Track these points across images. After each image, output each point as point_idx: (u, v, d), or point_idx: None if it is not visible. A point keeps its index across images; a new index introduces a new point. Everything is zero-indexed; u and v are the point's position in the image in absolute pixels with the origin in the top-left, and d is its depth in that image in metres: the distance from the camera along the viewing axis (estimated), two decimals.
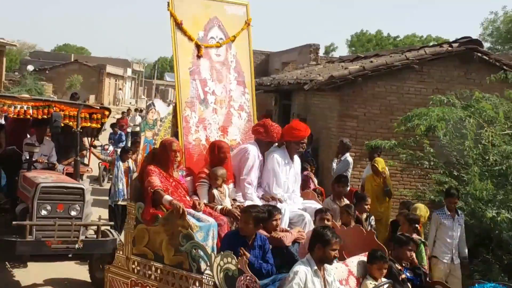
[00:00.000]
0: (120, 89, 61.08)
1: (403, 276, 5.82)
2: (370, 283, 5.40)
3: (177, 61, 6.42)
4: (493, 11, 40.38)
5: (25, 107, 8.45)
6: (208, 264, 4.93)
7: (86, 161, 10.33)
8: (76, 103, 9.86)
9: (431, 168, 9.85)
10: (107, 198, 11.26)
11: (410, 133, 9.85)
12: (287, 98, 17.51)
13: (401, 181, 11.55)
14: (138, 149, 11.84)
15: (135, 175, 10.74)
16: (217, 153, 6.20)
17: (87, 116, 9.00)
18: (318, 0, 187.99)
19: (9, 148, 8.96)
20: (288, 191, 6.60)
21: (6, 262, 7.78)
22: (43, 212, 7.45)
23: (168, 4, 6.31)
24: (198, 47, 6.55)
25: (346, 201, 8.09)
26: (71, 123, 8.94)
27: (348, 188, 8.67)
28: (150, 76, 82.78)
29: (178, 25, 6.36)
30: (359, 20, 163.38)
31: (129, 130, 21.76)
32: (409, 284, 5.81)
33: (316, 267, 4.77)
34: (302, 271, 4.67)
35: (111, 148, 16.55)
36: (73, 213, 7.65)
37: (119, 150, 16.13)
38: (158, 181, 5.59)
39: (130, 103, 55.62)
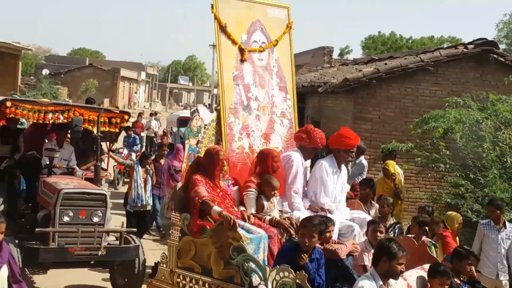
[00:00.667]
0: (135, 92, 61.40)
1: None
2: None
3: (221, 65, 6.12)
4: (507, 13, 40.27)
5: (44, 112, 8.34)
6: (262, 278, 4.67)
7: (104, 165, 10.20)
8: (96, 108, 9.82)
9: (447, 171, 9.76)
10: (121, 201, 11.14)
11: (425, 136, 9.79)
12: (301, 101, 17.40)
13: (416, 184, 11.49)
14: (164, 153, 11.94)
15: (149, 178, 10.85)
16: (270, 162, 5.84)
17: (106, 120, 8.98)
18: (332, 2, 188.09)
19: (29, 153, 8.81)
20: (335, 201, 6.27)
21: (26, 269, 7.52)
22: (66, 219, 7.33)
23: (212, 7, 6.01)
24: (241, 51, 6.25)
25: (376, 205, 7.99)
26: (90, 127, 9.01)
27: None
28: (164, 80, 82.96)
29: (222, 28, 6.08)
30: (373, 22, 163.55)
31: (143, 134, 21.81)
32: None
33: (381, 282, 4.46)
34: (367, 286, 4.35)
35: (125, 151, 16.60)
36: (95, 219, 7.52)
37: (133, 153, 16.22)
38: (205, 191, 5.25)
39: (144, 106, 55.97)
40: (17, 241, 7.14)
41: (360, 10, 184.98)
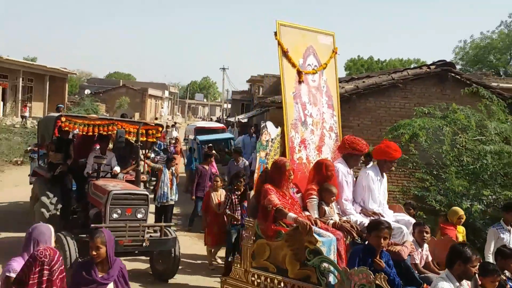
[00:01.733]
0: (162, 108, 61.62)
1: (508, 287, 5.06)
2: None
3: (284, 86, 5.73)
4: (461, 40, 40.36)
5: (92, 125, 8.29)
6: (339, 279, 4.30)
7: (141, 169, 10.04)
8: (136, 121, 9.66)
9: (415, 168, 9.72)
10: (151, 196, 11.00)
11: (397, 140, 9.77)
12: None
13: (389, 179, 11.33)
14: (209, 160, 11.61)
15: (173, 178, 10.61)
16: (325, 172, 5.46)
17: (144, 132, 8.87)
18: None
19: (81, 160, 8.76)
20: (381, 205, 5.92)
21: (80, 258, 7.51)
22: (115, 216, 7.28)
23: (275, 34, 5.66)
24: (299, 73, 5.88)
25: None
26: (131, 138, 8.98)
27: None
28: (183, 96, 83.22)
29: (284, 53, 5.73)
30: (355, 48, 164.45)
31: (166, 143, 21.88)
32: None
33: (458, 284, 4.11)
34: (446, 287, 4.03)
35: (152, 155, 16.54)
36: (139, 215, 7.46)
37: (157, 157, 16.12)
38: (277, 199, 4.87)
39: (168, 119, 55.99)
40: (73, 236, 7.15)
41: (343, 38, 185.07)
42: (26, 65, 31.49)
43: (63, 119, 8.09)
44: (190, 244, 9.93)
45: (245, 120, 30.44)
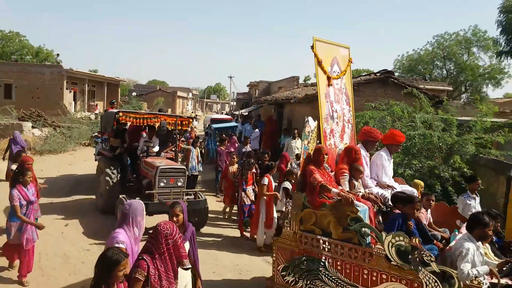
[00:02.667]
0: (187, 105, 61.28)
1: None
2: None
3: (319, 88, 5.32)
4: (399, 54, 40.14)
5: (142, 118, 8.33)
6: (378, 241, 3.96)
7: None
8: (173, 115, 9.59)
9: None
10: None
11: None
12: (281, 108, 17.42)
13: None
14: (224, 142, 11.11)
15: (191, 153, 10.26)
16: (354, 155, 5.13)
17: (179, 122, 8.79)
18: (302, 52, 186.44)
19: (134, 144, 8.74)
20: (390, 179, 5.55)
21: None
22: (161, 184, 7.24)
23: (312, 47, 5.22)
24: (328, 78, 5.52)
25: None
26: (170, 127, 8.98)
27: None
28: (202, 97, 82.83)
29: (319, 63, 5.32)
30: None
31: (188, 128, 21.66)
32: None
33: (478, 244, 3.86)
34: (471, 247, 3.74)
35: (183, 139, 16.33)
36: (179, 184, 7.39)
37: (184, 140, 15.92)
38: (320, 177, 4.56)
39: (191, 113, 55.88)
40: (131, 198, 6.97)
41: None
42: (90, 75, 31.26)
43: (120, 114, 8.17)
44: (211, 202, 9.85)
45: (246, 113, 30.37)
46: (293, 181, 6.98)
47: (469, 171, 7.50)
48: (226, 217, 8.70)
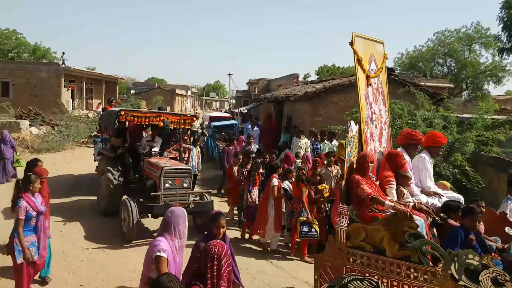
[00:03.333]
0: (186, 103, 61.27)
1: None
2: None
3: (359, 89, 4.81)
4: (399, 52, 40.13)
5: (144, 117, 8.03)
6: (443, 259, 3.52)
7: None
8: (177, 113, 9.06)
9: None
10: None
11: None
12: (280, 105, 17.42)
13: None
14: (233, 142, 10.71)
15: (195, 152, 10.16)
16: (399, 161, 4.67)
17: (182, 121, 8.49)
18: (300, 49, 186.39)
19: (137, 144, 8.38)
20: (434, 185, 5.09)
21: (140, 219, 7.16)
22: (167, 185, 6.97)
23: (351, 44, 4.68)
24: (367, 77, 5.01)
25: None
26: (173, 126, 8.74)
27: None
28: (201, 95, 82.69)
29: (359, 61, 4.81)
30: (322, 58, 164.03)
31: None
32: None
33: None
34: None
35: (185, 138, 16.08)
36: (185, 185, 7.14)
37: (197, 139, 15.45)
38: (368, 188, 4.12)
39: (190, 110, 55.79)
40: (135, 200, 6.90)
41: (315, 51, 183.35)
42: (88, 73, 31.26)
43: (122, 112, 7.83)
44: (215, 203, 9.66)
45: (245, 111, 30.37)
46: (292, 179, 6.94)
47: (470, 169, 7.51)
48: (234, 220, 8.40)
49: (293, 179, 6.92)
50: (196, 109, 62.83)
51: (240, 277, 5.27)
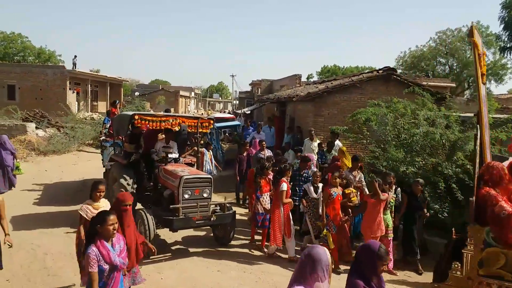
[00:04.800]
0: (189, 104, 61.36)
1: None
2: None
3: (479, 88, 4.20)
4: (402, 51, 40.06)
5: (159, 121, 7.26)
6: None
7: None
8: (195, 116, 8.28)
9: (368, 143, 9.68)
10: None
11: (355, 123, 9.73)
12: (283, 106, 17.41)
13: (349, 151, 11.35)
14: (245, 148, 10.16)
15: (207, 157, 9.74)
16: None
17: (200, 124, 7.84)
18: (304, 50, 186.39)
19: (152, 150, 7.65)
20: None
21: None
22: (186, 196, 6.36)
23: (471, 35, 4.02)
24: (482, 75, 4.35)
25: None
26: (191, 130, 8.08)
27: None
28: (205, 96, 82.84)
29: (479, 56, 4.09)
30: (324, 59, 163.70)
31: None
32: None
33: None
34: None
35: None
36: (205, 195, 6.53)
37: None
38: (508, 205, 3.42)
39: (194, 112, 55.93)
40: (151, 212, 6.38)
41: (317, 52, 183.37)
42: (92, 75, 31.43)
43: (136, 117, 7.10)
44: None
45: (248, 112, 30.39)
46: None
47: (471, 168, 7.49)
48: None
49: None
50: (199, 110, 62.95)
51: (244, 278, 5.24)
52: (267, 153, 9.68)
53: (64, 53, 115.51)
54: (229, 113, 42.28)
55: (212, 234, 7.34)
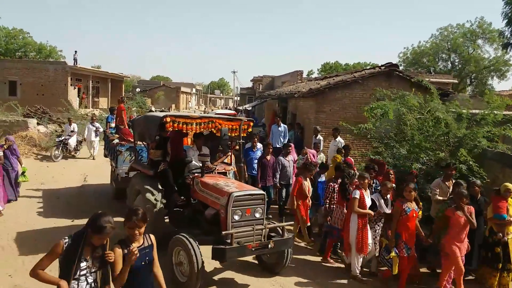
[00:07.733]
0: (189, 101, 61.32)
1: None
2: None
3: None
4: (404, 47, 39.83)
5: (194, 124, 5.92)
6: None
7: (227, 160, 7.34)
8: (236, 118, 6.86)
9: (372, 139, 9.47)
10: None
11: (358, 121, 9.56)
12: (285, 102, 17.35)
13: (352, 147, 11.26)
14: (269, 151, 8.70)
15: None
16: None
17: (237, 127, 6.51)
18: (303, 46, 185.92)
19: (186, 158, 6.47)
20: None
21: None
22: (236, 217, 5.10)
23: None
24: None
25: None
26: (233, 134, 6.61)
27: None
28: (206, 92, 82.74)
29: None
30: (325, 55, 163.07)
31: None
32: None
33: None
34: None
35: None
36: (257, 215, 5.26)
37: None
38: None
39: (195, 108, 55.90)
40: (195, 238, 5.02)
41: (318, 49, 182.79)
42: (93, 71, 31.39)
43: (168, 119, 5.70)
44: None
45: (250, 108, 30.36)
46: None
47: (474, 164, 7.42)
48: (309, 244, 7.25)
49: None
50: (201, 107, 62.91)
51: None
52: (294, 157, 8.95)
53: (65, 49, 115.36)
54: (230, 109, 42.22)
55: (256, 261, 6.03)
